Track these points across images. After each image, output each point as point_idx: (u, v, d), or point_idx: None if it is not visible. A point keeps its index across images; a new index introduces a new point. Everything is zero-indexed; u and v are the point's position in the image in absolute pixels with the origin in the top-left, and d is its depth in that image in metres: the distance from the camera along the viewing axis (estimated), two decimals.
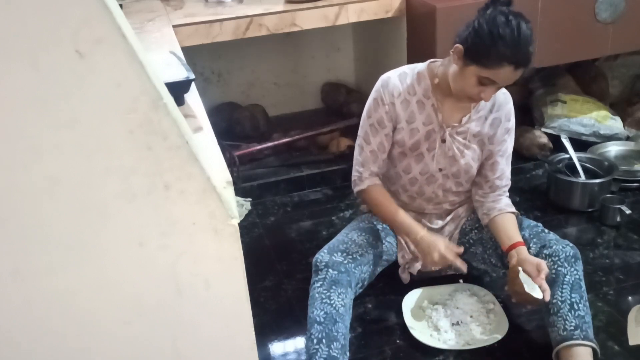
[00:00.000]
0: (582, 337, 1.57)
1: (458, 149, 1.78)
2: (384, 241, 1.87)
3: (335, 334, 1.59)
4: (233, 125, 2.90)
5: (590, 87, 2.98)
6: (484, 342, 1.73)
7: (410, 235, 1.78)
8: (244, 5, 2.45)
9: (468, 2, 2.25)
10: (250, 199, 2.56)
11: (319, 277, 1.68)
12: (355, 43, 3.15)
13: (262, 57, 3.04)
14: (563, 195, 2.38)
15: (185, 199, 0.84)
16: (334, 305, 1.62)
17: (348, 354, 1.62)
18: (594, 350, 1.58)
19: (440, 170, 1.81)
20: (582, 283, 1.66)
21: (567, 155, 2.48)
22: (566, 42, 2.46)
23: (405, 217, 1.79)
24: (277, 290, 2.05)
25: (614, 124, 2.76)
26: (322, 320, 1.60)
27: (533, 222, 1.83)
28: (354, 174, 1.86)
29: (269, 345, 1.82)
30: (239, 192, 2.56)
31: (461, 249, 1.78)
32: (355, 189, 1.87)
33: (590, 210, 2.34)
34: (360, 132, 1.83)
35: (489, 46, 1.55)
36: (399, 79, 1.75)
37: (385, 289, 1.94)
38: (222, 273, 0.91)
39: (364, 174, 1.83)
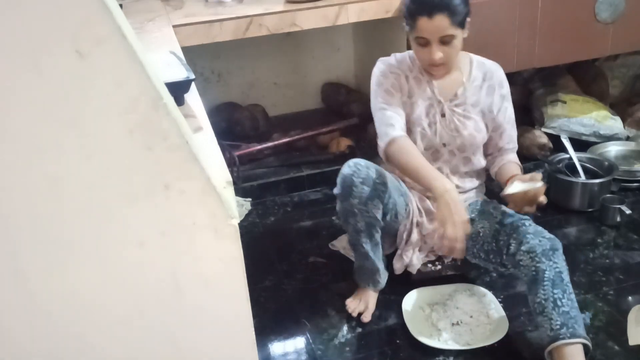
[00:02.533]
0: (568, 335, 1.54)
1: (459, 121, 1.84)
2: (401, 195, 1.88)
3: (376, 233, 1.80)
4: (233, 125, 2.90)
5: (590, 87, 2.97)
6: (484, 342, 1.73)
7: (437, 188, 1.62)
8: (244, 5, 2.45)
9: None
10: (250, 199, 2.56)
11: (356, 192, 1.72)
12: (355, 43, 3.15)
13: (262, 57, 3.04)
14: (563, 195, 2.38)
15: (185, 199, 0.84)
16: (371, 215, 1.75)
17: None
18: (585, 344, 1.56)
19: (445, 145, 1.86)
20: (564, 275, 1.61)
21: (567, 155, 2.48)
22: (566, 42, 2.46)
23: (433, 168, 1.71)
24: (277, 290, 2.05)
25: (614, 124, 2.76)
26: (364, 227, 1.77)
27: (519, 216, 1.78)
28: (382, 133, 1.79)
29: (269, 345, 1.82)
30: (239, 192, 2.56)
31: (469, 230, 1.63)
32: (384, 142, 1.78)
33: (590, 210, 2.34)
34: (375, 102, 1.84)
35: (405, 8, 1.73)
36: (395, 58, 1.89)
37: (385, 289, 1.94)
38: (222, 273, 0.91)
39: (395, 129, 1.77)
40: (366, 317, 1.87)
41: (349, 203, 1.74)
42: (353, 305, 1.90)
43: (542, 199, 1.65)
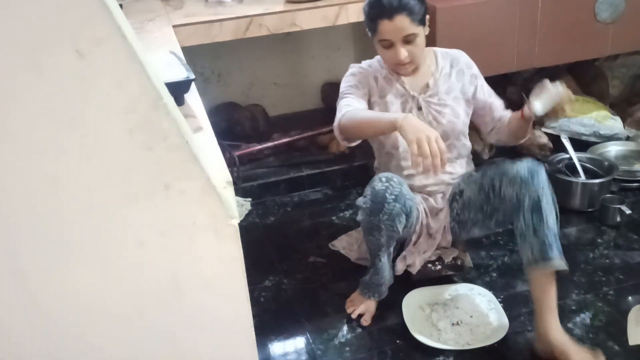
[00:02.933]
0: (542, 260, 1.63)
1: (436, 111, 1.86)
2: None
3: (392, 246, 1.83)
4: (233, 125, 2.90)
5: (590, 87, 2.97)
6: (484, 342, 1.73)
7: (397, 119, 1.59)
8: (244, 5, 2.45)
9: (468, 2, 2.26)
10: (250, 199, 2.56)
11: (387, 209, 1.70)
12: (355, 43, 3.15)
13: (262, 57, 3.04)
14: (563, 195, 2.37)
15: (185, 199, 0.84)
16: (395, 229, 1.74)
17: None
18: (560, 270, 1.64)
19: None
20: (542, 199, 1.65)
21: (567, 155, 2.48)
22: (566, 42, 2.46)
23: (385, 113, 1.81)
24: (277, 290, 2.05)
25: (614, 124, 2.76)
26: (385, 242, 1.78)
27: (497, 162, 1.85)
28: (337, 114, 1.80)
29: (269, 345, 1.82)
30: (239, 192, 2.56)
31: (445, 151, 1.56)
32: (337, 119, 1.78)
33: (590, 210, 2.34)
34: (340, 97, 1.85)
35: (365, 16, 1.77)
36: (365, 63, 1.93)
37: None
38: (222, 273, 0.91)
39: (349, 107, 1.78)
40: (366, 321, 1.87)
41: (377, 218, 1.72)
42: (353, 307, 1.90)
43: (569, 99, 1.69)
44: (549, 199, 1.67)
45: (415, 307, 1.88)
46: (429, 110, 1.86)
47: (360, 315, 1.88)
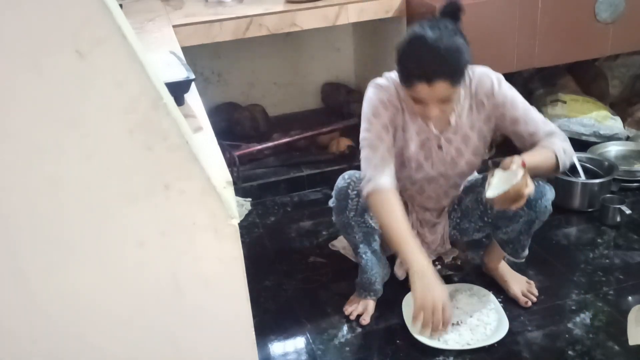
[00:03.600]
0: (513, 256, 1.85)
1: (457, 150, 1.73)
2: None
3: (374, 242, 1.82)
4: (233, 125, 2.90)
5: (590, 87, 2.97)
6: (484, 342, 1.73)
7: (413, 264, 1.53)
8: (244, 5, 2.45)
9: (468, 2, 2.25)
10: (250, 199, 2.56)
11: (351, 205, 1.72)
12: (355, 43, 3.15)
13: (262, 57, 3.04)
14: (563, 195, 2.37)
15: (185, 199, 0.84)
16: (368, 225, 1.76)
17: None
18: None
19: (441, 175, 1.79)
20: (539, 218, 1.72)
21: None
22: (566, 42, 2.46)
23: (412, 237, 1.58)
24: (277, 290, 2.05)
25: (614, 124, 2.76)
26: (362, 239, 1.79)
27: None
28: (368, 175, 1.63)
29: (269, 345, 1.82)
30: (239, 192, 2.56)
31: (450, 322, 1.54)
32: (369, 187, 1.61)
33: (590, 210, 2.34)
34: (367, 134, 1.66)
35: (398, 64, 1.54)
36: (391, 84, 1.68)
37: (385, 289, 1.93)
38: (222, 273, 0.91)
39: (382, 175, 1.61)
40: (365, 320, 1.86)
41: (345, 216, 1.74)
42: (351, 308, 1.90)
43: (528, 191, 1.47)
44: (545, 217, 1.72)
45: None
46: (449, 150, 1.72)
47: (359, 316, 1.88)
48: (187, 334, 0.94)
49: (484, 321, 1.80)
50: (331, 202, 1.80)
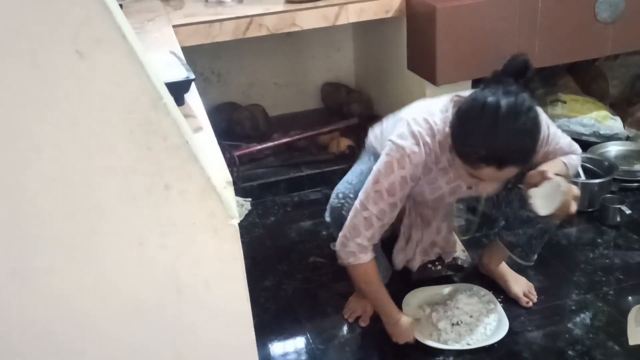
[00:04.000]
0: (522, 259, 1.85)
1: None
2: None
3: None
4: (233, 125, 2.90)
5: (590, 87, 2.97)
6: (484, 342, 1.73)
7: (389, 317, 1.74)
8: (244, 5, 2.45)
9: (468, 2, 2.25)
10: (250, 199, 2.56)
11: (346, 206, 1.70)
12: (355, 43, 3.15)
13: (262, 57, 3.04)
14: None
15: (185, 199, 0.84)
16: None
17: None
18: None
19: (458, 200, 1.82)
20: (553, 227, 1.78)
21: None
22: (566, 42, 2.46)
23: (389, 301, 1.74)
24: (277, 290, 2.05)
25: (614, 124, 2.76)
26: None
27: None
28: (354, 244, 1.61)
29: (269, 345, 1.82)
30: (239, 192, 2.56)
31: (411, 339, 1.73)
32: (349, 260, 1.64)
33: (590, 210, 2.34)
34: (371, 205, 1.56)
35: (462, 140, 1.37)
36: (423, 150, 1.52)
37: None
38: (222, 273, 0.91)
39: (368, 248, 1.64)
40: (364, 321, 1.86)
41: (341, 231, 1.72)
42: (350, 310, 1.90)
43: (573, 208, 1.51)
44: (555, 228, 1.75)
45: (415, 307, 1.88)
46: (477, 188, 1.60)
47: (358, 317, 1.88)
48: (187, 334, 0.94)
49: (484, 321, 1.80)
50: (327, 217, 1.80)
